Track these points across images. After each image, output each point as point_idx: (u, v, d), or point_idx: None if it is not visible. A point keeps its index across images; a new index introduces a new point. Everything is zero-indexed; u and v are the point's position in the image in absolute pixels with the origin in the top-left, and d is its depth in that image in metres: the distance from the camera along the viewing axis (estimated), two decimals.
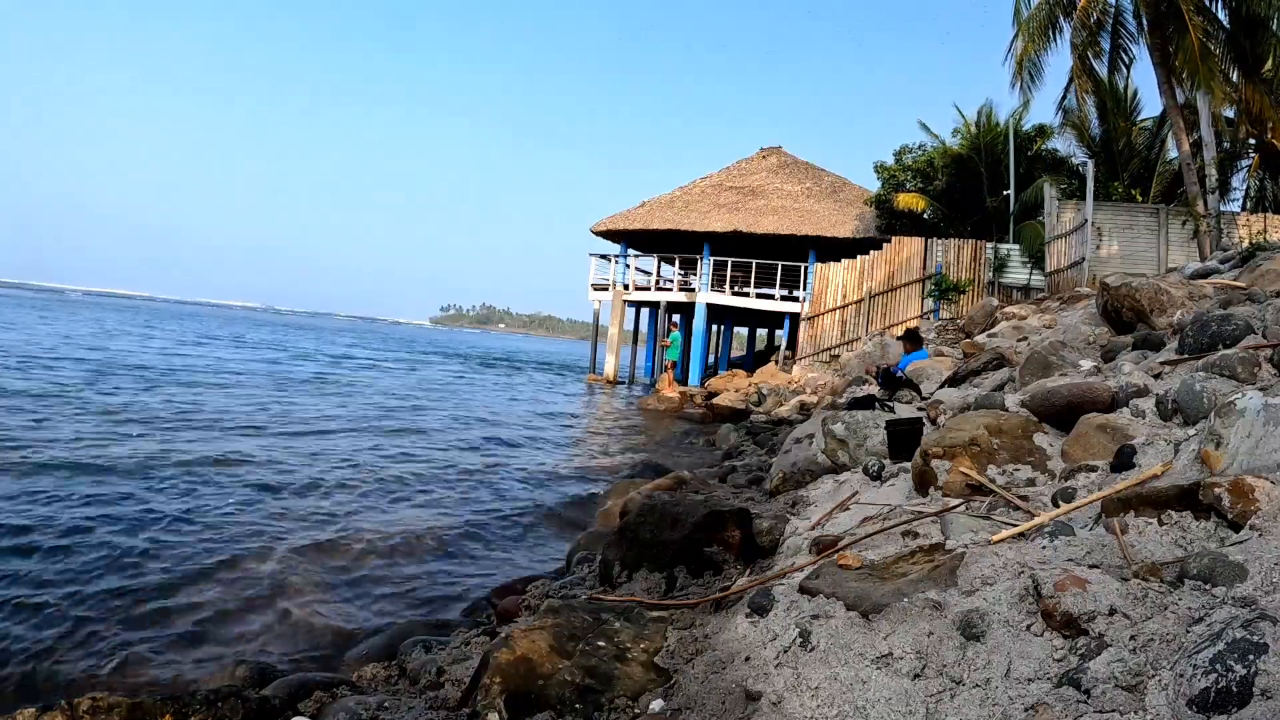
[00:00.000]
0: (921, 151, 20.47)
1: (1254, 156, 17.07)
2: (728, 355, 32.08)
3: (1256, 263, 6.52)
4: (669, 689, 2.15)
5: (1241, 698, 1.29)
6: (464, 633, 3.35)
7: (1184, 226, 13.70)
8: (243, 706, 2.23)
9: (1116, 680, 1.47)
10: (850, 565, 2.37)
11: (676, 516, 3.33)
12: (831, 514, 3.69)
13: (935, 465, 3.23)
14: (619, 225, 23.14)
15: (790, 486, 5.01)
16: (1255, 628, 1.38)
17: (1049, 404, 3.44)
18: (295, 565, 4.45)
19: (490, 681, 2.10)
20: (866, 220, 21.14)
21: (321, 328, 71.45)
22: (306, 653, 3.42)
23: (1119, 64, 15.08)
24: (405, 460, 8.04)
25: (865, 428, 4.77)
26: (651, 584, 3.17)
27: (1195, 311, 4.73)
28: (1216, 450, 2.23)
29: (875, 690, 1.77)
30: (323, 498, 6.08)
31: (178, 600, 3.82)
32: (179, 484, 6.00)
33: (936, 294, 16.67)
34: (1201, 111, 13.18)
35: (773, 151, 25.82)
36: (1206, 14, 12.82)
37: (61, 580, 3.92)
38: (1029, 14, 14.70)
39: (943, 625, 1.87)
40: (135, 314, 52.69)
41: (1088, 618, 1.65)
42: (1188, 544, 1.95)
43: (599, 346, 24.18)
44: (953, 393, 5.34)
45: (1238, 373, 3.05)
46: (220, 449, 7.51)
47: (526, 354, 51.51)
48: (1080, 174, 17.03)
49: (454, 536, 5.33)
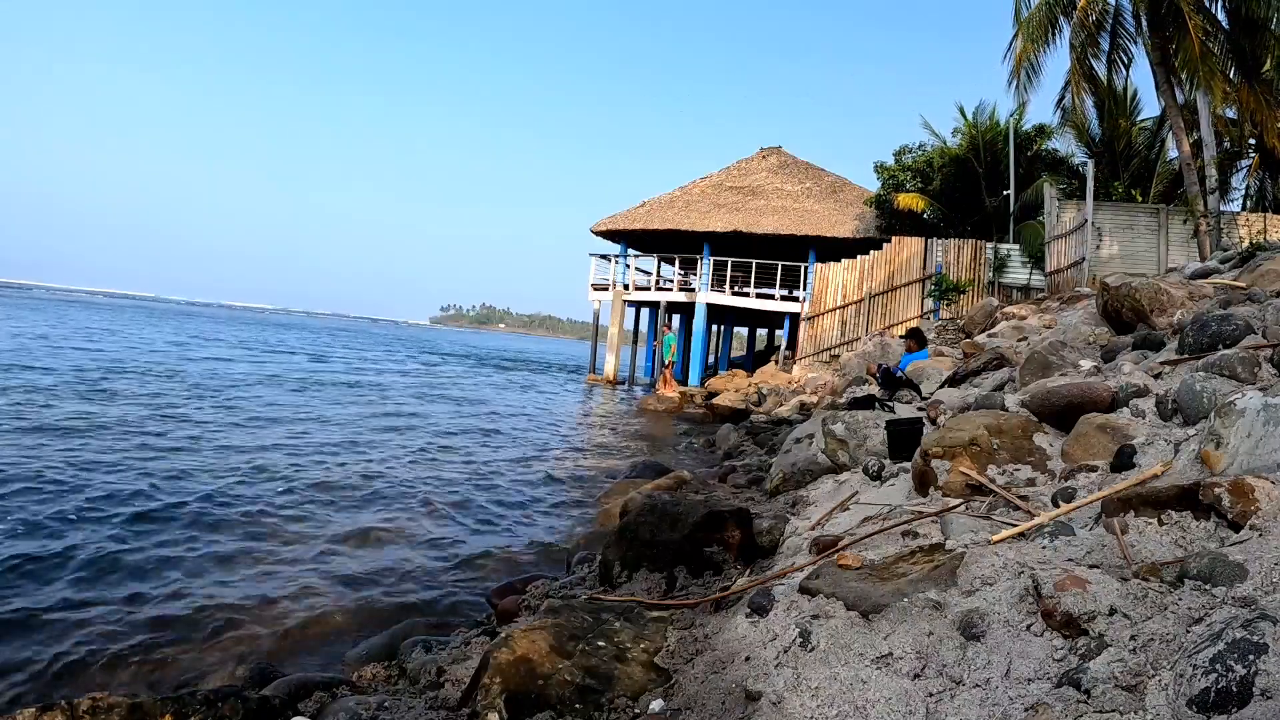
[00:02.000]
0: (921, 151, 20.47)
1: (1254, 156, 17.07)
2: (728, 355, 32.09)
3: (1256, 263, 6.52)
4: (669, 689, 2.15)
5: (1241, 698, 1.29)
6: (464, 633, 3.36)
7: (1185, 225, 13.70)
8: (243, 706, 2.23)
9: (1116, 680, 1.47)
10: (850, 565, 2.37)
11: (676, 516, 3.33)
12: (831, 514, 3.69)
13: (935, 465, 3.23)
14: (619, 225, 23.14)
15: (790, 486, 5.01)
16: (1255, 628, 1.38)
17: (1049, 404, 3.44)
18: (295, 565, 4.45)
19: (490, 681, 2.10)
20: (866, 220, 21.14)
21: (320, 328, 71.38)
22: (306, 652, 3.42)
23: (1118, 64, 15.08)
24: (404, 460, 8.04)
25: (865, 428, 4.77)
26: (651, 584, 3.17)
27: (1195, 311, 4.73)
28: (1216, 450, 2.23)
29: (875, 690, 1.77)
30: (322, 498, 6.08)
31: (178, 600, 3.82)
32: (179, 484, 6.00)
33: (936, 294, 16.67)
34: (1201, 111, 13.18)
35: (773, 151, 25.83)
36: (1206, 14, 12.82)
37: (61, 580, 3.93)
38: (1029, 14, 14.71)
39: (943, 625, 1.87)
40: (138, 315, 52.67)
41: (1088, 618, 1.65)
42: (1188, 544, 1.95)
43: (599, 346, 24.20)
44: (953, 393, 5.34)
45: (1238, 373, 3.05)
46: (224, 450, 7.51)
47: (526, 354, 51.51)
48: (1080, 174, 17.03)
49: (454, 536, 5.33)
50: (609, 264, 23.11)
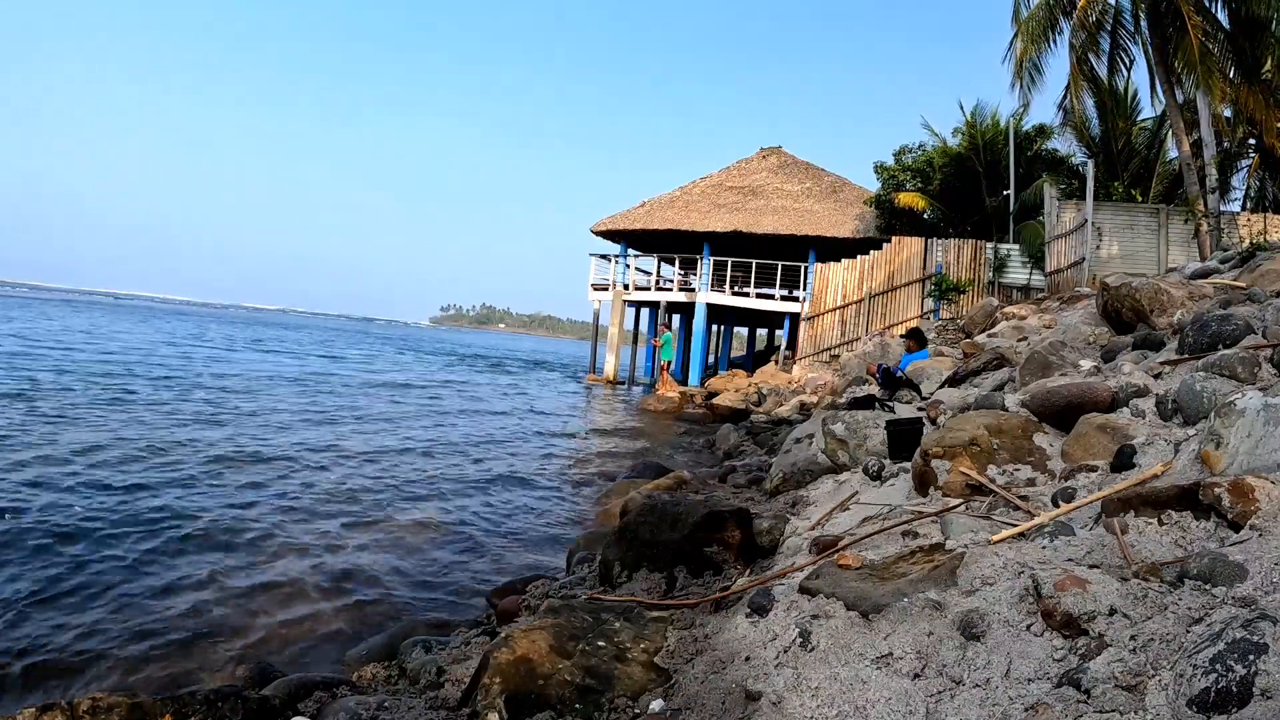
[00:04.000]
0: (921, 151, 20.47)
1: (1254, 156, 17.07)
2: (728, 355, 32.08)
3: (1256, 263, 6.52)
4: (669, 689, 2.15)
5: (1241, 698, 1.29)
6: (464, 633, 3.36)
7: (1185, 225, 13.70)
8: (243, 706, 2.23)
9: (1116, 680, 1.47)
10: (850, 565, 2.37)
11: (676, 516, 3.33)
12: (831, 514, 3.69)
13: (935, 465, 3.23)
14: (619, 225, 23.14)
15: (790, 486, 5.01)
16: (1255, 628, 1.38)
17: (1049, 404, 3.43)
18: (294, 565, 4.45)
19: (490, 681, 2.10)
20: (866, 220, 21.14)
21: (321, 328, 71.37)
22: (306, 652, 3.42)
23: (1118, 64, 15.08)
24: (403, 460, 8.04)
25: (865, 428, 4.77)
26: (651, 584, 3.17)
27: (1195, 311, 4.73)
28: (1216, 450, 2.23)
29: (875, 690, 1.77)
30: (321, 498, 6.08)
31: (178, 599, 3.82)
32: (179, 484, 6.00)
33: (936, 294, 16.67)
34: (1201, 111, 13.18)
35: (773, 151, 25.82)
36: (1206, 14, 12.82)
37: (62, 580, 3.93)
38: (1028, 14, 14.70)
39: (943, 625, 1.87)
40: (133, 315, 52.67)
41: (1088, 618, 1.65)
42: (1188, 544, 1.95)
43: (599, 346, 24.19)
44: (953, 393, 5.34)
45: (1238, 373, 3.05)
46: (219, 445, 7.51)
47: (526, 354, 51.49)
48: (1080, 174, 17.03)
49: (453, 537, 5.33)
50: (609, 264, 23.10)
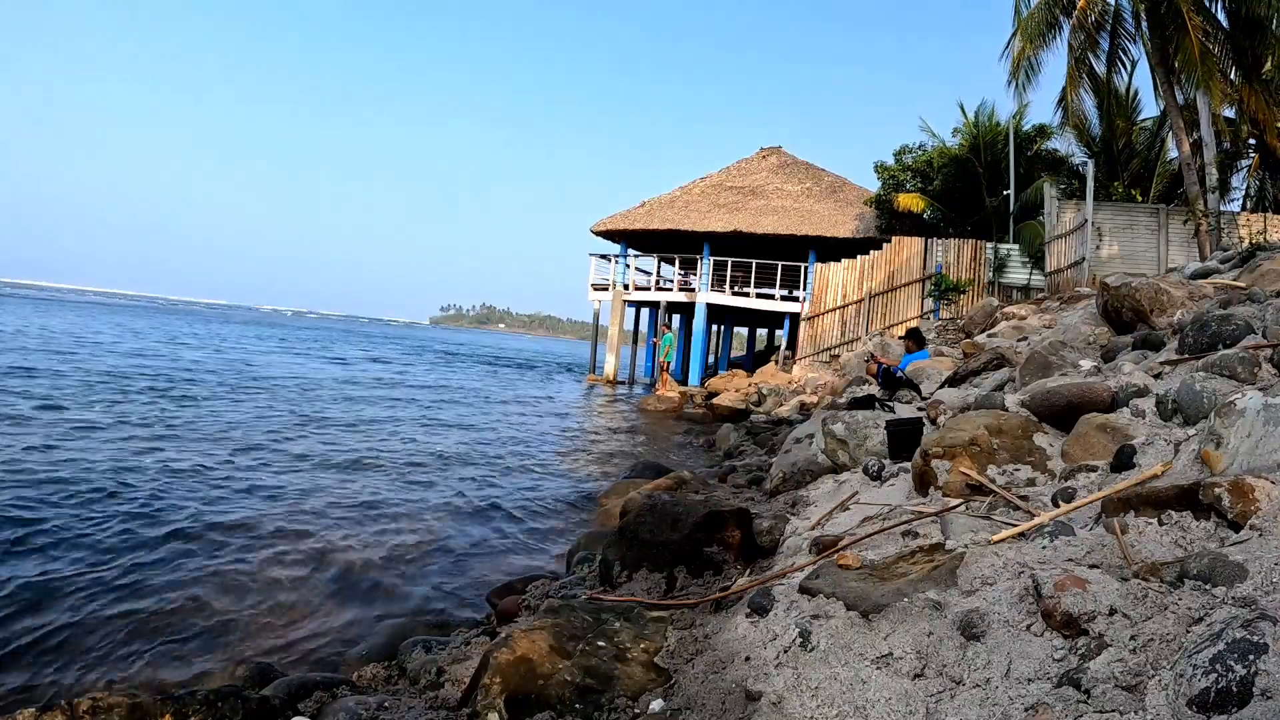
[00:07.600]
0: (921, 151, 20.47)
1: (1254, 156, 17.07)
2: (728, 355, 32.08)
3: (1256, 263, 6.52)
4: (669, 689, 2.15)
5: (1241, 698, 1.29)
6: (464, 633, 3.36)
7: (1185, 225, 13.70)
8: (243, 706, 2.23)
9: (1116, 680, 1.47)
10: (850, 565, 2.37)
11: (676, 516, 3.33)
12: (831, 514, 3.69)
13: (935, 465, 3.23)
14: (619, 225, 23.14)
15: (790, 486, 5.01)
16: (1255, 628, 1.38)
17: (1049, 404, 3.44)
18: (294, 564, 4.45)
19: (490, 681, 2.10)
20: (866, 220, 21.14)
21: (328, 328, 71.38)
22: (306, 653, 3.42)
23: (1118, 64, 15.08)
24: (402, 459, 8.04)
25: (865, 428, 4.77)
26: (651, 584, 3.17)
27: (1195, 311, 4.73)
28: (1216, 450, 2.23)
29: (875, 690, 1.77)
30: (321, 498, 6.08)
31: (178, 599, 3.82)
32: (178, 484, 6.00)
33: (936, 294, 16.67)
34: (1201, 111, 13.18)
35: (773, 151, 25.83)
36: (1206, 14, 12.82)
37: (61, 579, 3.92)
38: (1028, 14, 14.70)
39: (943, 625, 1.87)
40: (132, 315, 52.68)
41: (1088, 618, 1.65)
42: (1188, 544, 1.95)
43: (599, 346, 24.19)
44: (953, 393, 5.34)
45: (1238, 373, 3.05)
46: (218, 450, 7.51)
47: (526, 354, 51.51)
48: (1080, 174, 17.03)
49: (453, 536, 5.32)
50: (609, 264, 23.11)
